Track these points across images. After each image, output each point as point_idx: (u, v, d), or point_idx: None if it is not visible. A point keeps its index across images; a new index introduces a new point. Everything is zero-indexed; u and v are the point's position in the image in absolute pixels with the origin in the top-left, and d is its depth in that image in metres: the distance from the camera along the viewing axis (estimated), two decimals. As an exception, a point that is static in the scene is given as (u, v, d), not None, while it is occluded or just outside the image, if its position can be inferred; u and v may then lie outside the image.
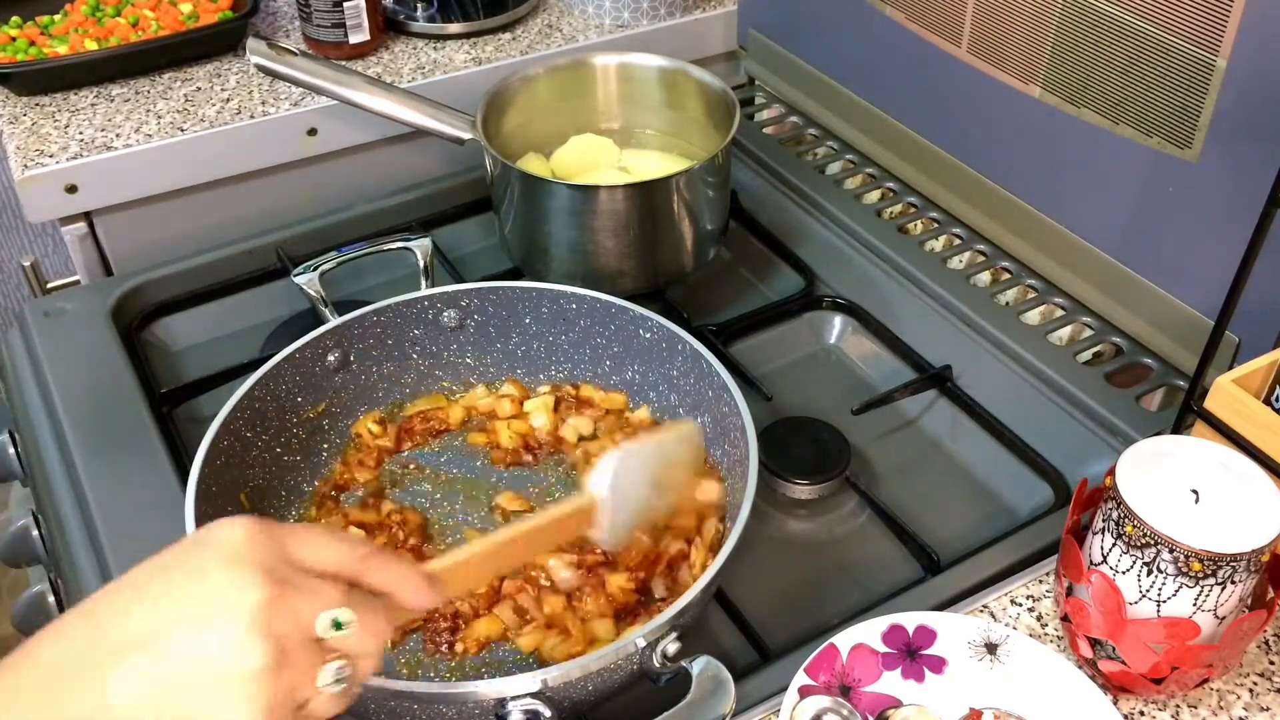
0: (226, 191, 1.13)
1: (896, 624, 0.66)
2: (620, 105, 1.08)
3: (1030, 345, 0.92)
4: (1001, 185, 1.00)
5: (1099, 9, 0.84)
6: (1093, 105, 0.88)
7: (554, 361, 0.89)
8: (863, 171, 1.14)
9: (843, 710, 0.61)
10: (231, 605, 0.44)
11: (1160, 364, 0.91)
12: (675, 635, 0.63)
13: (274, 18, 1.30)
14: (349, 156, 1.17)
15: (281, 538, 0.47)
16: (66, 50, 1.15)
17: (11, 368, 0.95)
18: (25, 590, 0.88)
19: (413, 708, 0.62)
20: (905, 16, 1.03)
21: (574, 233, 0.94)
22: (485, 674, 0.70)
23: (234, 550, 0.46)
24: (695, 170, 0.93)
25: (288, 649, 0.45)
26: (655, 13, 1.27)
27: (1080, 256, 0.94)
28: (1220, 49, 0.77)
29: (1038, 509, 0.83)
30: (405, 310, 0.86)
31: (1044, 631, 0.71)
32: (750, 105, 1.26)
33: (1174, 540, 0.60)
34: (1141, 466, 0.64)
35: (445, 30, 1.25)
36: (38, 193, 1.05)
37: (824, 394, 0.94)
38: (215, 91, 1.15)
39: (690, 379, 0.82)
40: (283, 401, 0.80)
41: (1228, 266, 0.70)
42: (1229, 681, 0.68)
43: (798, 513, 0.85)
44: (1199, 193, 0.83)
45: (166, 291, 1.02)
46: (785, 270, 1.05)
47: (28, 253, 1.91)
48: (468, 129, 0.98)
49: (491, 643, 0.72)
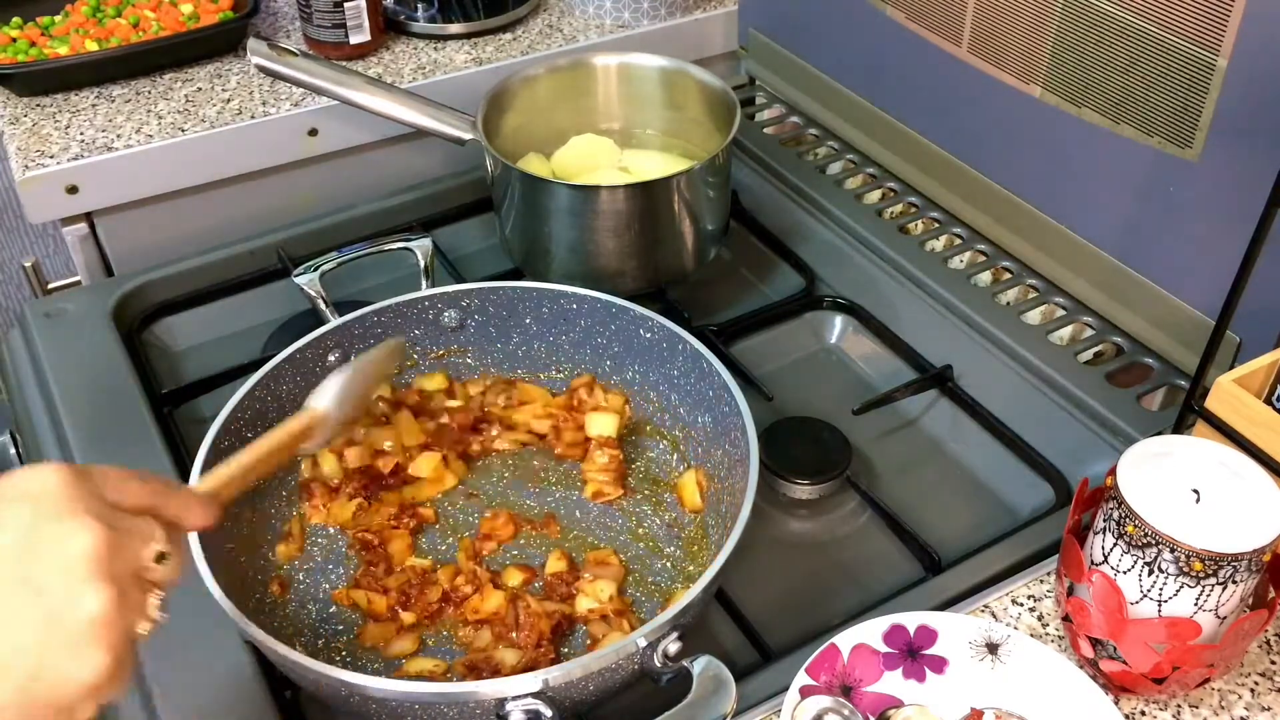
0: (227, 192, 1.13)
1: (897, 624, 0.66)
2: (621, 105, 1.08)
3: (1031, 345, 0.92)
4: (1002, 185, 1.00)
5: (1099, 9, 0.84)
6: (1093, 105, 0.88)
7: (555, 361, 0.89)
8: (863, 171, 1.14)
9: (844, 710, 0.61)
10: (64, 556, 0.44)
11: (1161, 364, 0.91)
12: (676, 635, 0.63)
13: (275, 18, 1.30)
14: (349, 157, 1.17)
15: (95, 479, 0.48)
16: (67, 51, 1.16)
17: (12, 368, 0.95)
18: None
19: (413, 708, 0.62)
20: (905, 16, 1.03)
21: (575, 233, 0.94)
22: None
23: (53, 500, 0.45)
24: (696, 170, 0.93)
25: (124, 588, 0.46)
26: (656, 13, 1.27)
27: (1081, 256, 0.94)
28: (1220, 49, 0.77)
29: (1039, 509, 0.83)
30: (406, 310, 0.86)
31: (1045, 631, 0.71)
32: (751, 105, 1.26)
33: (1175, 540, 0.60)
34: (1142, 466, 0.64)
35: (446, 30, 1.25)
36: (39, 193, 1.05)
37: (824, 394, 0.94)
38: (216, 92, 1.15)
39: (691, 379, 0.82)
40: (283, 402, 0.80)
41: (1228, 266, 0.70)
42: (1230, 681, 0.68)
43: (798, 513, 0.85)
44: (1200, 193, 0.83)
45: (167, 292, 1.02)
46: (786, 270, 1.05)
47: (29, 253, 1.91)
48: (468, 129, 0.98)
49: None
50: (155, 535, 0.49)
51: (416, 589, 0.75)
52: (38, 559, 0.44)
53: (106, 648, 0.45)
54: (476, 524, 0.81)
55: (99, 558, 0.45)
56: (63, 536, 0.45)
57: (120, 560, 0.46)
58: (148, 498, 0.50)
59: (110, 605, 0.45)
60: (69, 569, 0.44)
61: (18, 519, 0.45)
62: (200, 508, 0.54)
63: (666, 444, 0.85)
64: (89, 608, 0.44)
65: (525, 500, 0.83)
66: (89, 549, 0.45)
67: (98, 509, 0.46)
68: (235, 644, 0.71)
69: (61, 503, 0.45)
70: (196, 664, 0.70)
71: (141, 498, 0.50)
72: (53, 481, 0.46)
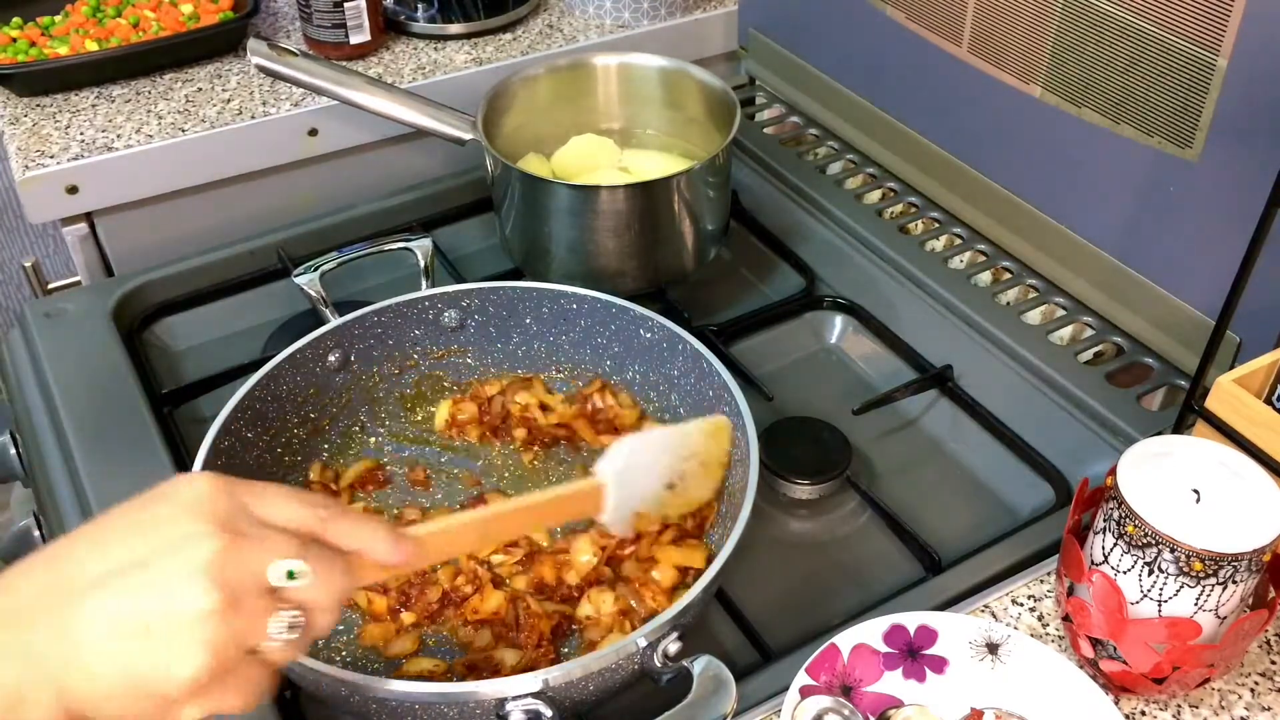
0: (227, 192, 1.13)
1: (898, 624, 0.66)
2: (621, 105, 1.08)
3: (1031, 345, 0.92)
4: (1002, 185, 1.00)
5: (1099, 9, 0.84)
6: (1093, 105, 0.88)
7: (555, 361, 0.89)
8: (863, 171, 1.14)
9: (844, 710, 0.61)
10: (186, 552, 0.46)
11: (1161, 364, 0.91)
12: (676, 635, 0.63)
13: (275, 18, 1.30)
14: (350, 157, 1.17)
15: (241, 493, 0.50)
16: (67, 51, 1.16)
17: (12, 368, 0.95)
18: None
19: (413, 708, 0.62)
20: (906, 16, 1.03)
21: (575, 233, 0.94)
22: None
23: (194, 502, 0.48)
24: (696, 170, 0.93)
25: (239, 596, 0.47)
26: (656, 13, 1.27)
27: (1081, 256, 0.94)
28: (1220, 49, 0.77)
29: (1039, 509, 0.83)
30: (406, 310, 0.86)
31: (1045, 631, 0.71)
32: (751, 105, 1.26)
33: (1175, 540, 0.60)
34: (1143, 466, 0.64)
35: (446, 30, 1.25)
36: (39, 193, 1.05)
37: (824, 394, 0.94)
38: (216, 92, 1.15)
39: (691, 379, 0.82)
40: (283, 402, 0.80)
41: (1228, 266, 0.70)
42: (1230, 681, 0.68)
43: (799, 513, 0.85)
44: (1200, 192, 0.83)
45: (167, 292, 1.02)
46: (786, 270, 1.05)
47: (29, 253, 1.91)
48: (468, 129, 0.98)
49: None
50: (285, 550, 0.49)
51: (416, 589, 0.75)
52: (159, 555, 0.46)
53: (207, 648, 0.46)
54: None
55: (211, 559, 0.46)
56: (187, 539, 0.47)
57: (233, 567, 0.47)
58: (307, 520, 0.51)
59: (216, 606, 0.46)
60: (183, 566, 0.46)
61: (157, 513, 0.48)
62: (389, 539, 0.53)
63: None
64: (194, 604, 0.46)
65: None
66: (205, 550, 0.46)
67: (227, 516, 0.48)
68: (235, 644, 0.71)
69: (198, 507, 0.48)
70: (196, 664, 0.70)
71: (298, 519, 0.51)
72: (200, 487, 0.49)
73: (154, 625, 0.45)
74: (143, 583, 0.46)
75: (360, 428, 0.86)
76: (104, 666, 0.45)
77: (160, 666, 0.45)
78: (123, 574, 0.46)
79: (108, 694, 0.46)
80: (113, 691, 0.46)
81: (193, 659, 0.46)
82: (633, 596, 0.73)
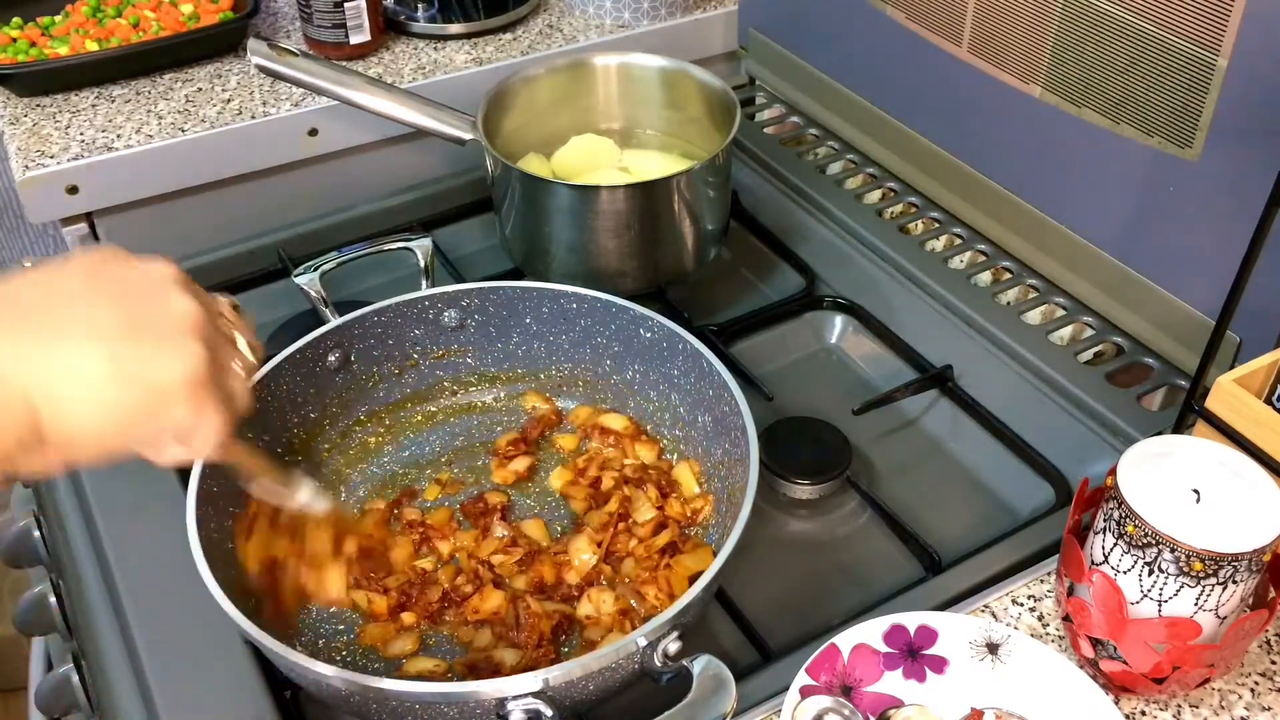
0: (227, 192, 1.13)
1: (898, 624, 0.66)
2: (621, 105, 1.08)
3: (1031, 345, 0.92)
4: (1002, 185, 1.00)
5: (1099, 9, 0.84)
6: (1093, 105, 0.88)
7: (554, 361, 0.89)
8: (863, 171, 1.14)
9: (844, 710, 0.61)
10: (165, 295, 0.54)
11: (1161, 364, 0.91)
12: (676, 634, 0.63)
13: (275, 18, 1.30)
14: (349, 157, 1.17)
15: (212, 308, 0.57)
16: (67, 51, 1.16)
17: (12, 368, 0.95)
18: (26, 591, 0.88)
19: (413, 707, 0.62)
20: (906, 16, 1.03)
21: (575, 233, 0.94)
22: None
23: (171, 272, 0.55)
24: (696, 170, 0.93)
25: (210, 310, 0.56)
26: (656, 13, 1.27)
27: (1081, 256, 0.94)
28: (1220, 49, 0.77)
29: (1039, 509, 0.83)
30: (406, 310, 0.86)
31: (1045, 631, 0.71)
32: (751, 105, 1.26)
33: (1175, 540, 0.60)
34: (1143, 466, 0.64)
35: (446, 30, 1.25)
36: (39, 193, 1.05)
37: (825, 394, 0.94)
38: (216, 92, 1.15)
39: (691, 379, 0.82)
40: (283, 401, 0.80)
41: (1229, 266, 0.70)
42: (1230, 681, 0.68)
43: (799, 513, 0.85)
44: (1200, 192, 0.83)
45: (167, 292, 1.02)
46: (786, 270, 1.05)
47: (29, 253, 1.91)
48: (468, 129, 0.98)
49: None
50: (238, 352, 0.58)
51: (417, 589, 0.75)
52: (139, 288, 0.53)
53: (199, 340, 0.53)
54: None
55: (183, 278, 0.55)
56: (170, 294, 0.54)
57: (200, 293, 0.55)
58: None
59: (199, 310, 0.53)
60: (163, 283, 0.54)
61: (141, 270, 0.54)
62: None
63: (666, 444, 0.85)
64: (181, 308, 0.53)
65: (525, 501, 0.83)
66: (176, 272, 0.55)
67: (208, 336, 0.55)
68: (235, 644, 0.71)
69: (177, 275, 0.55)
70: (196, 664, 0.70)
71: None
72: (172, 269, 0.56)
73: (138, 319, 0.51)
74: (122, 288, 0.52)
75: (360, 428, 0.86)
76: (98, 367, 0.49)
77: (154, 359, 0.51)
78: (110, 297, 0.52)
79: (99, 396, 0.49)
80: (104, 394, 0.50)
81: (186, 350, 0.52)
82: (633, 596, 0.73)
